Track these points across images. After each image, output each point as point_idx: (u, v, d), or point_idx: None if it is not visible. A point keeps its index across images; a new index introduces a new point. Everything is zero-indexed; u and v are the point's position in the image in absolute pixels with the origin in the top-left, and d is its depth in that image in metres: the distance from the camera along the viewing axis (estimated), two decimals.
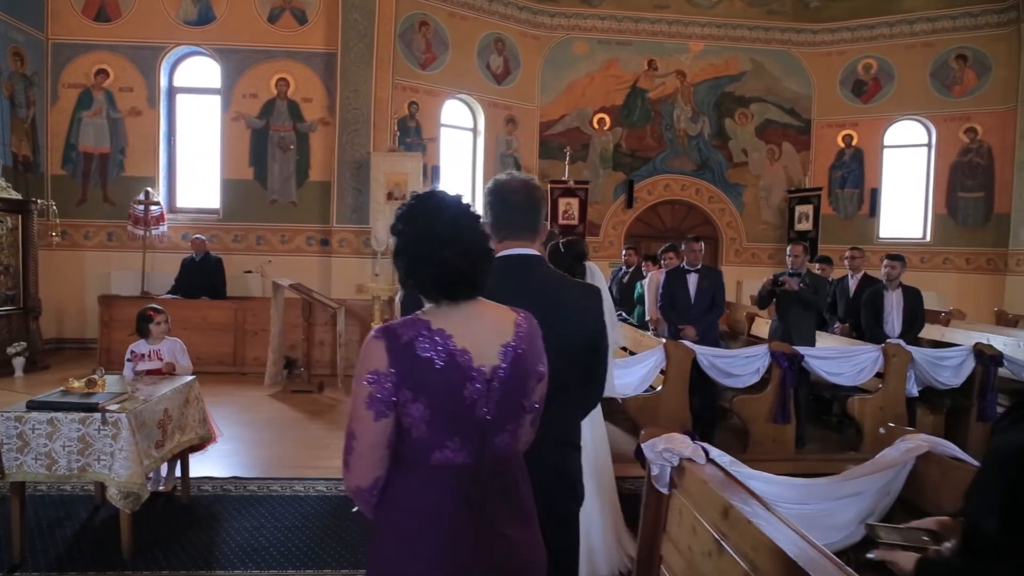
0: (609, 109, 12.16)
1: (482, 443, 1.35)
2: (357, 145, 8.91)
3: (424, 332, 1.33)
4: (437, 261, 1.32)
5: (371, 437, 1.31)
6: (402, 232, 1.38)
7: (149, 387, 3.50)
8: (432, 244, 1.33)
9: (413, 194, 1.44)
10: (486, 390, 1.34)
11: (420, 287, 1.37)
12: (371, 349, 1.31)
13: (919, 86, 11.91)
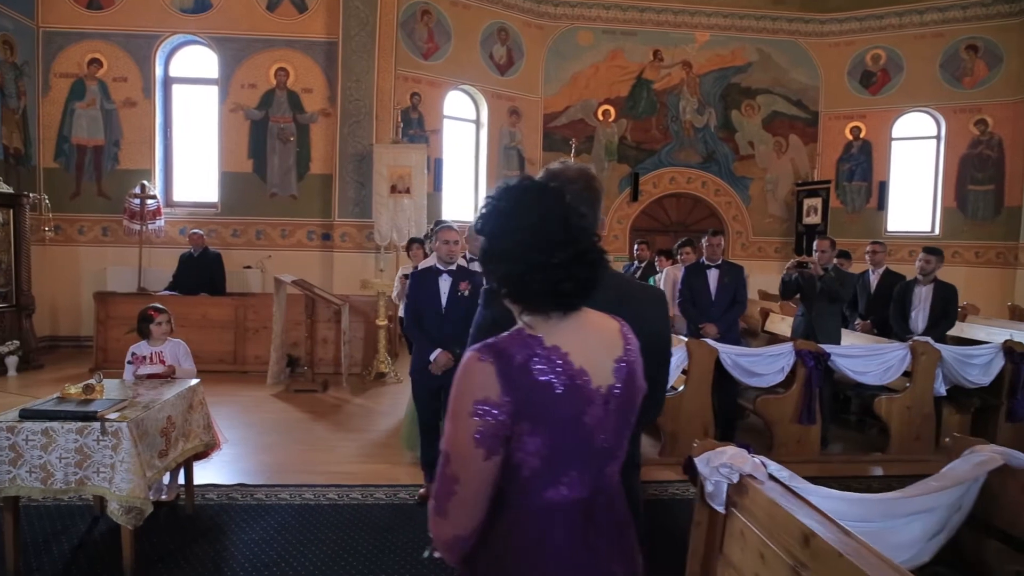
0: (614, 101, 11.95)
1: (598, 474, 1.16)
2: (359, 137, 8.68)
3: (539, 351, 1.12)
4: (553, 266, 1.11)
5: (479, 480, 1.10)
6: (499, 233, 1.16)
7: (151, 392, 3.29)
8: (544, 246, 1.12)
9: (501, 186, 1.22)
10: (603, 414, 1.15)
11: (524, 298, 1.16)
12: (477, 373, 1.09)
13: (928, 77, 11.72)
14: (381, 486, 4.09)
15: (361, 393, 6.63)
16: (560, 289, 1.13)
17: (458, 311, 3.79)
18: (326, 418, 5.69)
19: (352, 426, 5.49)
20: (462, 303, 3.80)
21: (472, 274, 3.89)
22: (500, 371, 1.08)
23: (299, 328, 7.31)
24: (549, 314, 1.16)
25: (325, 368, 7.33)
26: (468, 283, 3.83)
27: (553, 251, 1.12)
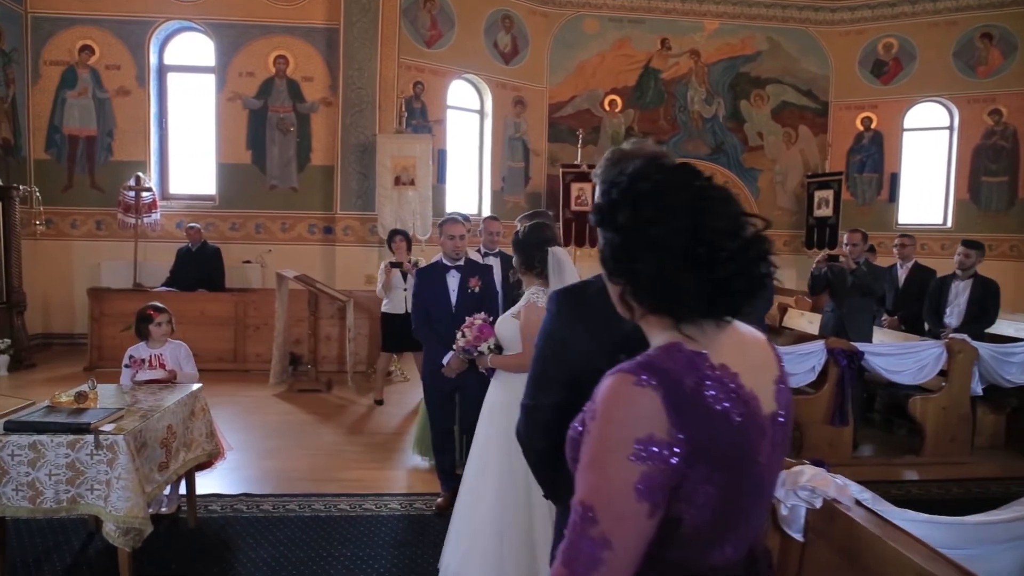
0: (621, 90, 11.66)
1: (757, 527, 0.93)
2: (362, 127, 8.39)
3: (707, 370, 0.88)
4: (720, 261, 0.88)
5: (638, 543, 0.84)
6: (644, 221, 0.91)
7: (149, 399, 3.03)
8: (708, 235, 0.88)
9: (638, 166, 0.97)
10: (770, 449, 0.91)
11: (672, 302, 0.92)
12: (637, 402, 0.84)
13: (942, 66, 11.47)
14: (396, 495, 3.85)
15: (367, 393, 6.38)
16: (730, 288, 0.88)
17: (469, 309, 3.53)
18: (332, 420, 5.44)
19: (360, 429, 5.25)
20: (473, 300, 3.54)
21: (483, 268, 3.63)
22: (669, 399, 0.83)
23: (301, 325, 7.07)
24: (701, 323, 0.92)
25: (328, 366, 7.08)
26: (479, 279, 3.56)
27: (719, 241, 0.88)
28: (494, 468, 2.51)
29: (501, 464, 2.48)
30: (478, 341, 2.77)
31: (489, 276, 3.61)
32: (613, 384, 0.85)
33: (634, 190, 0.92)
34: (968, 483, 4.33)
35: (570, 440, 0.98)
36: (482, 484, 2.56)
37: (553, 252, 2.55)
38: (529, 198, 11.37)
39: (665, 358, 0.88)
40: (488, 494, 2.51)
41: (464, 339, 2.82)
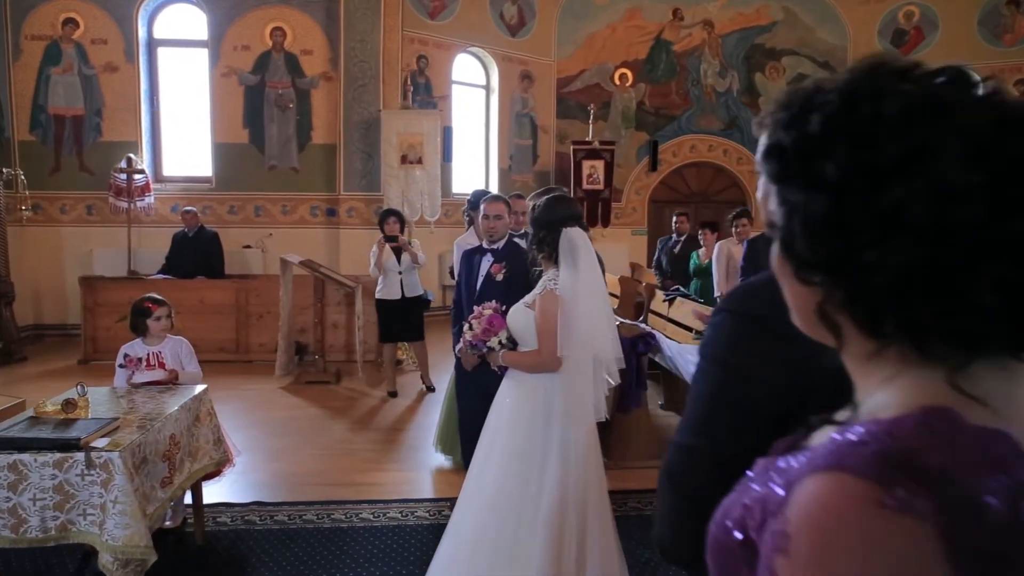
0: (631, 64, 11.20)
1: None
2: (365, 103, 7.95)
3: (999, 454, 0.47)
4: (1005, 245, 0.47)
5: None
6: (893, 168, 0.49)
7: (148, 405, 2.68)
8: (996, 202, 0.47)
9: (862, 72, 0.54)
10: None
11: (949, 325, 0.50)
12: (883, 543, 0.43)
13: (965, 35, 11.01)
14: (422, 501, 3.52)
15: (378, 384, 6.04)
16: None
17: (486, 299, 3.16)
18: (345, 416, 5.10)
19: (375, 424, 4.91)
20: (495, 290, 3.14)
21: (509, 255, 3.21)
22: (951, 533, 0.43)
23: (306, 313, 6.72)
24: (979, 370, 0.51)
25: (335, 356, 6.73)
26: (504, 266, 3.16)
27: (1008, 215, 0.48)
28: (491, 478, 2.17)
29: (498, 475, 2.15)
30: (487, 335, 2.32)
31: (520, 265, 3.20)
32: (830, 500, 0.46)
33: (862, 112, 0.51)
34: None
35: (718, 545, 0.58)
36: (478, 491, 2.21)
37: (566, 233, 2.18)
38: (537, 176, 10.96)
39: (932, 443, 0.46)
40: (480, 503, 2.17)
41: (471, 332, 2.37)
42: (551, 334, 2.14)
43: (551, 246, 2.21)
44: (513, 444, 2.17)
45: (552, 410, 2.18)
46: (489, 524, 2.13)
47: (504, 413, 2.25)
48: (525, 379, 2.25)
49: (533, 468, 2.14)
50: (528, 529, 2.10)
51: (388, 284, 5.50)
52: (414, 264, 5.51)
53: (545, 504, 2.11)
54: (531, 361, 2.21)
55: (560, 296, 2.14)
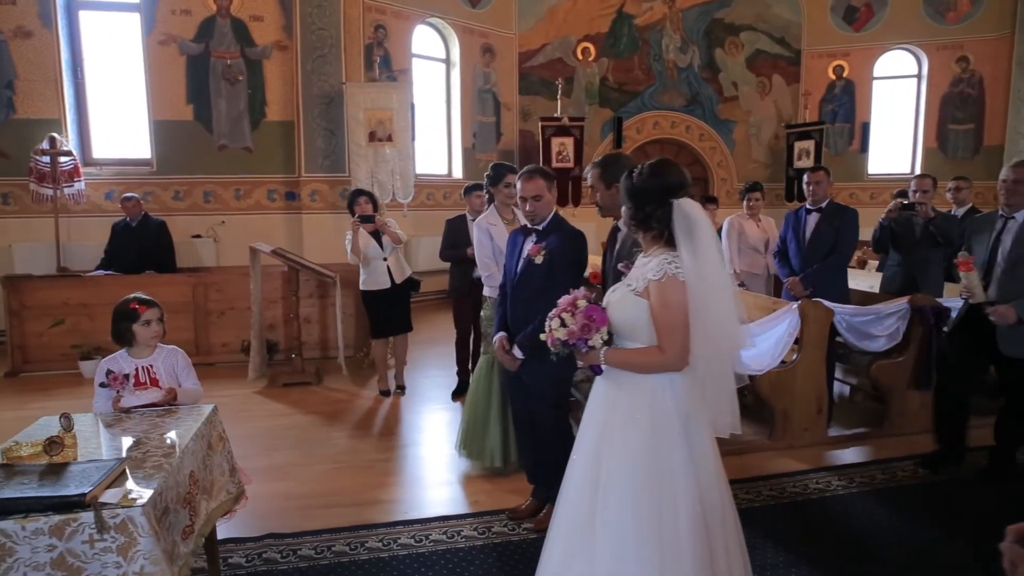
0: (594, 38, 10.90)
1: None
2: (325, 75, 7.26)
3: None
4: None
5: None
6: None
7: (152, 433, 2.14)
8: None
9: None
10: None
11: None
12: None
13: (912, 12, 11.32)
14: (464, 517, 3.10)
15: (365, 382, 5.53)
16: None
17: (527, 285, 2.80)
18: (341, 421, 4.58)
19: (379, 430, 4.43)
20: (534, 275, 2.77)
21: (556, 235, 2.82)
22: None
23: (275, 307, 6.13)
24: None
25: (310, 353, 6.13)
26: (543, 247, 2.76)
27: None
28: (614, 502, 1.80)
29: (624, 498, 1.78)
30: (588, 332, 1.86)
31: (566, 246, 2.80)
32: None
33: None
34: None
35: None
36: (599, 502, 1.84)
37: (679, 206, 1.81)
38: (501, 155, 10.52)
39: None
40: (606, 534, 1.79)
41: (564, 328, 1.89)
42: (679, 328, 1.77)
43: (663, 222, 1.82)
44: (634, 462, 1.80)
45: (673, 415, 1.83)
46: (627, 556, 1.75)
47: (616, 426, 1.86)
48: (634, 382, 1.87)
49: (665, 484, 1.78)
50: (673, 552, 1.75)
51: (374, 273, 4.96)
52: (396, 244, 4.99)
53: (685, 520, 1.77)
54: (650, 360, 1.82)
55: (685, 283, 1.77)
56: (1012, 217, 3.26)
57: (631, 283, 1.88)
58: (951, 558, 2.71)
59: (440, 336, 7.07)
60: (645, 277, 1.83)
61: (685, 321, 1.77)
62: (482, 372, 3.60)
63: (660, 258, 1.81)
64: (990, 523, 1.58)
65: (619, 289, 1.92)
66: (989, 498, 3.24)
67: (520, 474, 3.53)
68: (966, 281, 3.28)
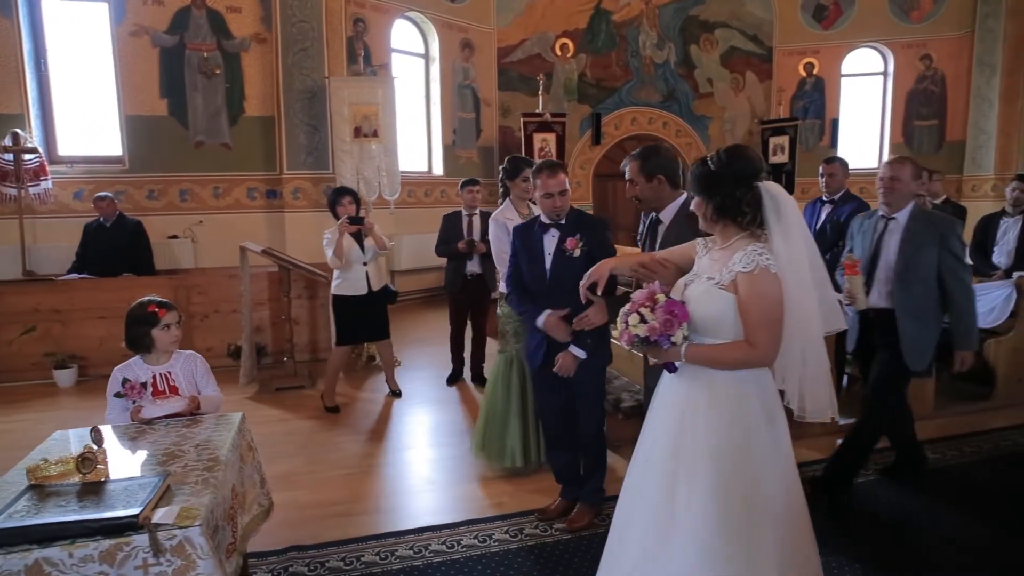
0: (572, 33, 10.89)
1: None
2: (308, 69, 7.03)
3: None
4: None
5: None
6: None
7: (183, 444, 2.00)
8: None
9: None
10: None
11: None
12: None
13: (879, 11, 11.64)
14: (493, 520, 3.02)
15: (360, 384, 5.39)
16: None
17: (566, 279, 2.71)
18: (344, 425, 4.44)
19: (384, 433, 4.30)
20: (572, 268, 2.69)
21: (586, 225, 2.77)
22: None
23: (261, 309, 5.92)
24: None
25: (300, 356, 5.94)
26: (579, 238, 2.71)
27: None
28: (698, 506, 1.74)
29: (715, 499, 1.72)
30: (670, 327, 1.78)
31: (599, 235, 2.76)
32: None
33: None
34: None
35: None
36: (681, 500, 1.78)
37: (766, 188, 1.77)
38: (481, 152, 10.45)
39: None
40: (699, 514, 1.73)
41: (644, 325, 1.79)
42: (771, 322, 1.71)
43: (754, 206, 1.77)
44: (719, 459, 1.75)
45: (758, 409, 1.78)
46: (714, 554, 1.70)
47: (697, 423, 1.80)
48: (714, 377, 1.80)
49: (751, 480, 1.74)
50: (760, 547, 1.71)
51: (352, 277, 4.62)
52: (380, 250, 4.72)
53: (772, 515, 1.73)
54: (739, 356, 1.76)
55: (777, 274, 1.72)
56: (893, 218, 2.94)
57: (712, 276, 1.82)
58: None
59: (428, 335, 6.96)
60: (732, 270, 1.76)
61: (778, 315, 1.72)
62: (500, 371, 3.52)
63: (748, 250, 1.75)
64: None
65: (697, 283, 1.86)
66: None
67: (541, 474, 3.48)
68: (850, 286, 2.95)
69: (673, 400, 1.90)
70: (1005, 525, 2.89)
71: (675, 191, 2.51)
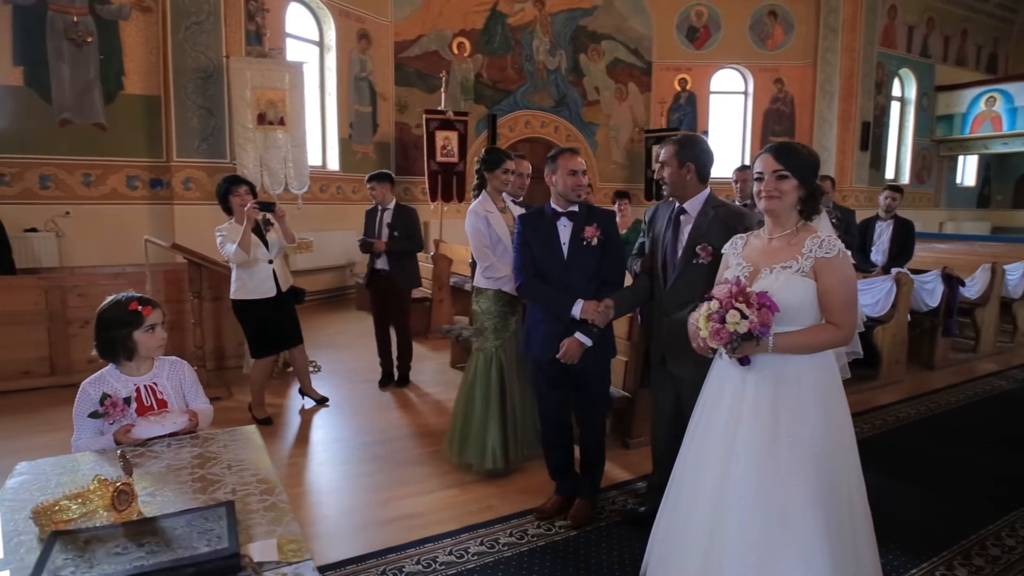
0: (469, 33, 10.87)
1: None
2: (203, 46, 6.31)
3: None
4: None
5: None
6: None
7: (191, 460, 1.70)
8: None
9: None
10: None
11: None
12: None
13: (740, 37, 12.93)
14: (493, 524, 2.91)
15: (284, 391, 4.94)
16: None
17: (583, 269, 2.73)
18: (279, 437, 4.04)
19: (330, 443, 3.97)
20: (590, 256, 2.72)
21: (605, 215, 2.80)
22: None
23: None
24: None
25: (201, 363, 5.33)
26: (597, 227, 2.73)
27: None
28: (805, 464, 1.81)
29: (811, 488, 1.80)
30: (768, 319, 1.79)
31: (612, 226, 2.79)
32: None
33: None
34: (925, 398, 4.87)
35: None
36: (784, 490, 1.83)
37: (820, 186, 1.99)
38: (378, 148, 10.09)
39: None
40: (801, 513, 1.80)
41: (745, 321, 1.78)
42: (853, 302, 1.84)
43: (816, 199, 1.90)
44: (814, 440, 1.82)
45: (840, 387, 1.91)
46: (821, 537, 1.77)
47: (790, 408, 1.85)
48: (797, 363, 1.86)
49: (839, 458, 1.84)
50: (851, 526, 1.81)
51: (257, 278, 4.10)
52: (288, 243, 4.29)
53: (859, 493, 1.85)
54: (827, 338, 1.82)
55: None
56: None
57: (788, 265, 1.88)
58: None
59: (338, 338, 6.61)
60: (809, 256, 1.84)
61: (856, 295, 1.84)
62: (478, 370, 3.40)
63: (821, 237, 1.85)
64: None
65: (773, 273, 1.90)
66: None
67: (520, 473, 3.43)
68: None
69: (755, 393, 1.89)
70: (913, 482, 3.33)
71: (700, 184, 2.58)
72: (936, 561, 2.60)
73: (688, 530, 1.98)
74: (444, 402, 4.66)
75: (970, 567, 2.58)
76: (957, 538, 2.78)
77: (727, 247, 2.08)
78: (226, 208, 4.17)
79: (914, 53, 13.93)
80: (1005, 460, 3.67)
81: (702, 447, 2.02)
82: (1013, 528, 2.88)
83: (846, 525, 1.80)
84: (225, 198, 4.15)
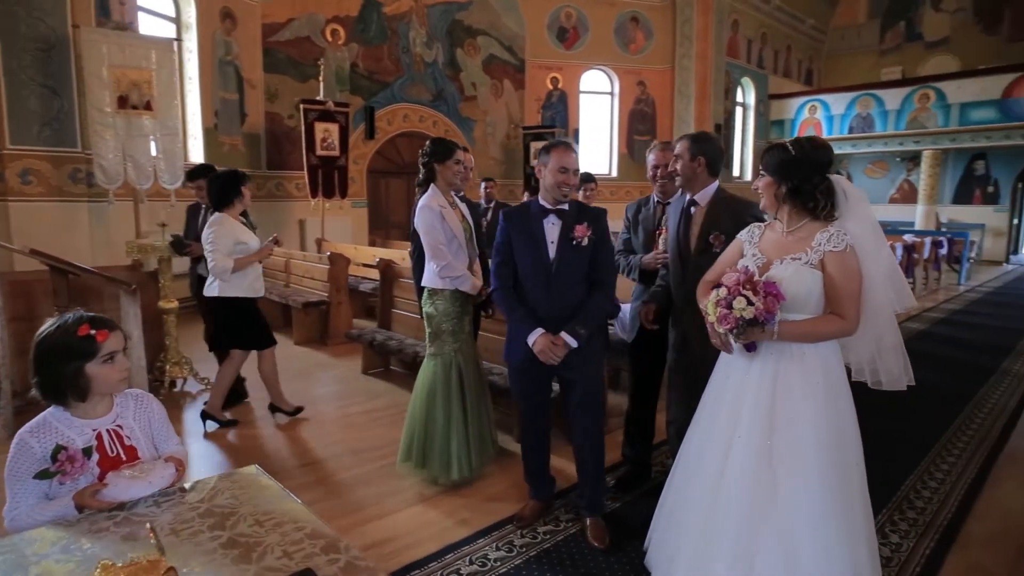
0: (343, 20, 10.32)
1: None
2: (41, 13, 5.29)
3: None
4: None
5: None
6: None
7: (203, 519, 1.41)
8: None
9: None
10: None
11: None
12: None
13: (606, 40, 13.60)
14: (475, 539, 2.75)
15: (179, 413, 4.33)
16: None
17: (572, 270, 2.64)
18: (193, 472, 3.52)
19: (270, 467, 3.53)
20: (580, 256, 2.63)
21: (595, 214, 2.74)
22: None
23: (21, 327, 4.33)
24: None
25: None
26: (588, 226, 2.63)
27: None
28: (808, 454, 1.94)
29: (818, 449, 1.91)
30: (773, 306, 1.87)
31: (603, 225, 2.72)
32: None
33: None
34: None
35: None
36: (782, 477, 1.91)
37: (837, 181, 2.02)
38: (247, 139, 9.25)
39: None
40: (804, 486, 1.89)
41: (752, 307, 1.85)
42: (857, 294, 1.93)
43: (827, 195, 1.98)
44: (817, 429, 1.91)
45: (844, 377, 2.01)
46: (825, 522, 1.86)
47: (793, 397, 1.93)
48: (801, 352, 1.95)
49: (843, 447, 1.94)
50: (857, 513, 1.92)
51: (251, 276, 3.97)
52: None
53: (860, 481, 1.97)
54: (832, 328, 1.92)
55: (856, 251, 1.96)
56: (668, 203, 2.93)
57: (797, 256, 1.95)
58: None
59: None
60: (819, 250, 1.93)
61: (860, 288, 1.94)
62: (437, 376, 3.20)
63: (832, 231, 1.93)
64: None
65: (784, 264, 1.97)
66: None
67: (481, 481, 3.29)
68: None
69: (758, 380, 2.00)
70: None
71: (710, 177, 2.64)
72: (881, 518, 2.90)
73: (688, 512, 2.04)
74: (370, 412, 4.37)
75: (907, 521, 2.90)
76: (890, 496, 3.12)
77: (743, 233, 2.14)
78: (223, 200, 3.82)
79: (752, 64, 15.56)
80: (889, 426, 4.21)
81: (707, 432, 2.10)
82: (924, 481, 3.31)
83: (845, 511, 1.91)
84: (227, 195, 3.83)
